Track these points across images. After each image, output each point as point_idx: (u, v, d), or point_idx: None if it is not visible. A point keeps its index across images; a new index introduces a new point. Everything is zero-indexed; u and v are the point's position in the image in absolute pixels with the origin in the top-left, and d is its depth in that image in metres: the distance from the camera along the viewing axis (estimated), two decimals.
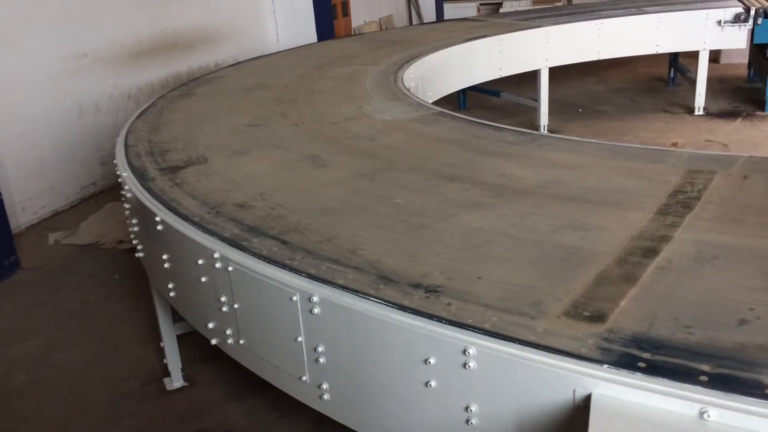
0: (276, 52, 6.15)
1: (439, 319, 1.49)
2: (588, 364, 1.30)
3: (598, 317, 1.45)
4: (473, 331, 1.44)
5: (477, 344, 1.40)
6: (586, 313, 1.47)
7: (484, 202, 2.16)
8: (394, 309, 1.56)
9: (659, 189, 2.16)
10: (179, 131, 3.31)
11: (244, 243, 1.93)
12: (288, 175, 2.57)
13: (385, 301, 1.58)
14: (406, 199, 2.22)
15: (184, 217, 2.21)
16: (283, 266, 1.81)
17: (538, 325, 1.43)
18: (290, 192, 2.37)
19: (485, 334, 1.42)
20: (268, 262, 1.85)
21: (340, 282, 1.67)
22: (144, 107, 3.93)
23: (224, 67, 5.46)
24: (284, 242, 1.94)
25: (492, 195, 2.22)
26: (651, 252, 1.73)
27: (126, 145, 3.16)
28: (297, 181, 2.48)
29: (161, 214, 2.28)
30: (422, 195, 2.26)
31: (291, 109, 3.61)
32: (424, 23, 10.92)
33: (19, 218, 5.26)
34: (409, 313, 1.54)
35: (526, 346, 1.37)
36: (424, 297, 1.58)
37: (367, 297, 1.62)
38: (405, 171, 2.53)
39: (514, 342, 1.39)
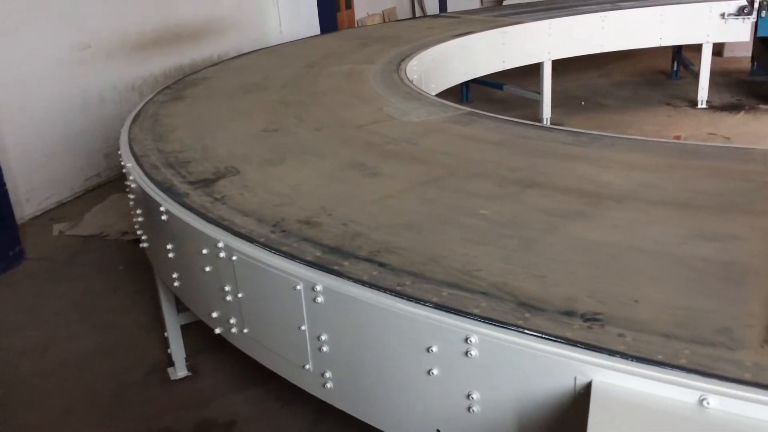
0: (255, 50, 5.89)
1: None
2: (589, 352, 1.31)
3: None
4: (475, 319, 1.44)
5: (479, 332, 1.42)
6: None
7: (583, 211, 1.99)
8: (397, 298, 1.57)
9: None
10: (189, 139, 3.05)
11: (336, 267, 1.73)
12: (341, 186, 2.37)
13: (537, 332, 1.38)
14: (490, 209, 2.05)
15: (189, 208, 2.23)
16: (286, 255, 1.83)
17: (744, 358, 1.26)
18: (354, 205, 2.17)
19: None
20: (272, 251, 1.86)
21: (476, 311, 1.48)
22: (135, 112, 3.67)
23: (206, 68, 5.17)
24: (382, 265, 1.73)
25: (586, 202, 2.05)
26: None
27: (130, 139, 3.17)
28: (355, 193, 2.28)
29: (165, 204, 2.30)
30: (506, 204, 2.09)
31: (303, 112, 3.41)
32: (399, 20, 10.75)
33: (24, 209, 5.28)
34: (413, 302, 1.55)
35: (527, 334, 1.39)
36: (585, 327, 1.39)
37: (374, 291, 1.63)
38: (469, 177, 2.36)
39: (516, 330, 1.40)
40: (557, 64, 6.71)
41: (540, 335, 1.37)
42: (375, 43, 5.55)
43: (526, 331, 1.39)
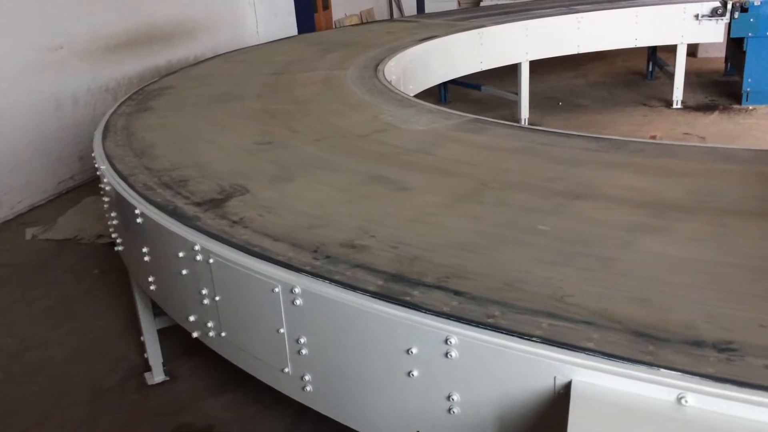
0: (212, 57, 5.67)
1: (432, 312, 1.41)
2: (568, 351, 1.31)
3: None
4: (454, 320, 1.44)
5: (458, 333, 1.41)
6: None
7: (650, 224, 1.86)
8: (376, 300, 1.56)
9: None
10: (175, 155, 2.81)
11: (407, 298, 1.55)
12: (371, 203, 2.18)
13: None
14: (547, 224, 1.91)
15: (165, 210, 2.19)
16: (264, 258, 1.81)
17: None
18: (395, 224, 1.99)
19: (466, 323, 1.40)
20: (249, 254, 1.84)
21: (590, 345, 1.32)
22: (103, 125, 3.43)
23: (164, 76, 4.87)
24: (458, 293, 1.56)
25: (649, 214, 1.92)
26: None
27: (104, 139, 3.12)
28: (390, 210, 2.10)
29: (140, 207, 2.26)
30: (561, 218, 1.95)
31: (293, 122, 3.20)
32: (354, 25, 10.64)
33: None
34: (392, 303, 1.54)
35: (505, 334, 1.38)
36: (723, 359, 1.27)
37: (347, 287, 1.62)
38: (506, 189, 2.21)
39: (495, 330, 1.40)
40: (533, 65, 6.76)
41: (518, 335, 1.37)
42: (337, 48, 5.40)
43: (505, 332, 1.39)
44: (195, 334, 2.15)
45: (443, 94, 8.01)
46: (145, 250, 2.32)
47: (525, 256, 1.73)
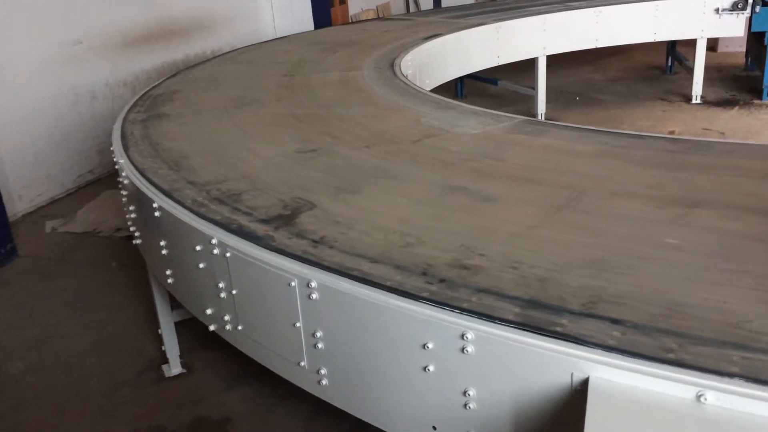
0: (212, 59, 5.47)
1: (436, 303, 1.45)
2: (586, 347, 1.30)
3: None
4: (471, 315, 1.44)
5: (475, 329, 1.41)
6: None
7: None
8: (392, 294, 1.56)
9: None
10: (215, 166, 2.59)
11: (558, 328, 1.37)
12: (460, 216, 1.99)
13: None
14: (674, 237, 1.74)
15: (182, 204, 2.21)
16: (281, 251, 1.81)
17: None
18: (500, 240, 1.81)
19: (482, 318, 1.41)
20: (266, 248, 1.84)
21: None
22: (118, 133, 3.19)
23: (166, 79, 4.56)
24: (616, 321, 1.38)
25: None
26: None
27: (123, 133, 3.15)
28: (487, 224, 1.91)
29: (158, 201, 2.28)
30: (688, 230, 1.77)
31: (329, 128, 3.01)
32: (348, 23, 10.41)
33: (16, 206, 5.25)
34: (407, 297, 1.54)
35: (524, 330, 1.38)
36: None
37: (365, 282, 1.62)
38: (609, 198, 2.04)
39: (511, 326, 1.39)
40: (550, 60, 6.71)
41: (536, 331, 1.36)
42: (339, 48, 5.21)
43: (522, 327, 1.38)
44: (212, 327, 2.17)
45: (459, 88, 7.98)
46: (162, 243, 2.34)
47: (670, 275, 1.56)
